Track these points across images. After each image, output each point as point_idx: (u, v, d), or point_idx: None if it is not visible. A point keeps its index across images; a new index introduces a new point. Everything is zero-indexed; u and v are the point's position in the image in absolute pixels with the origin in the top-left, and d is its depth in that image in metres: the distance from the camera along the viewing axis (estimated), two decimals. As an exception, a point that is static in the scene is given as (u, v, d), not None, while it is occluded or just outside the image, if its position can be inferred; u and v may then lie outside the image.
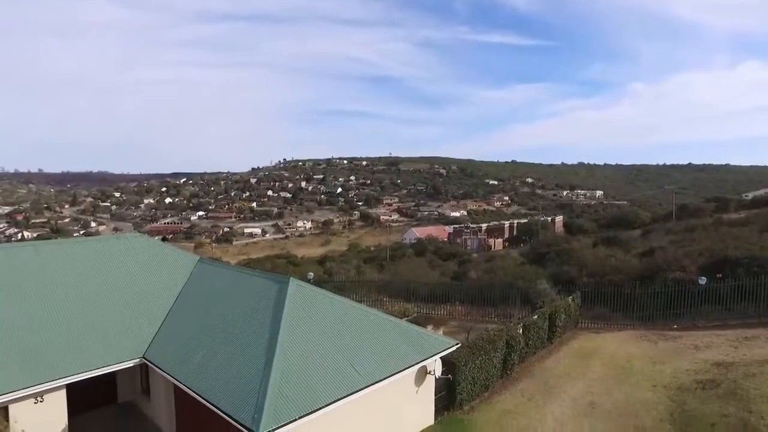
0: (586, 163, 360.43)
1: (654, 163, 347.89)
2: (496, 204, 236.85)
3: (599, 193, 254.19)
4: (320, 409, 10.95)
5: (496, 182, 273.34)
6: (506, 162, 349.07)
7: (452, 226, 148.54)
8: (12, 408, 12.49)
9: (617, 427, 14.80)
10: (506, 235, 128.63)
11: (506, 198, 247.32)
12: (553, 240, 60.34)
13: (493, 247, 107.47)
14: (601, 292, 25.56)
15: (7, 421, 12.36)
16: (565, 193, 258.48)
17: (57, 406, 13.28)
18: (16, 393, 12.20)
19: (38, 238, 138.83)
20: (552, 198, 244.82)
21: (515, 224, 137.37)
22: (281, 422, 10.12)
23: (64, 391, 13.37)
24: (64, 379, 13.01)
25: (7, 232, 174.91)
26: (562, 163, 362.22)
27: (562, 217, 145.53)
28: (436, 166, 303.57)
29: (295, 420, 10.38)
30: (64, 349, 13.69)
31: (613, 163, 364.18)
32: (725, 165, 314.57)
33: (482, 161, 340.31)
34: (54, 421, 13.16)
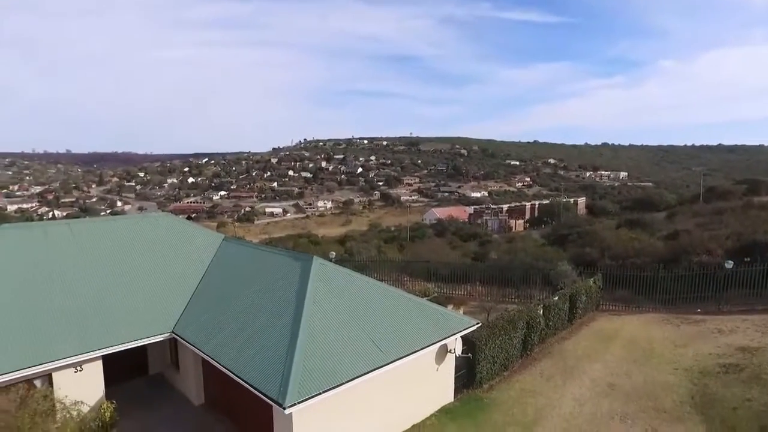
0: (610, 143, 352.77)
1: (681, 143, 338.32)
2: (517, 185, 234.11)
3: (623, 174, 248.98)
4: (343, 384, 11.26)
5: (517, 163, 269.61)
6: (528, 142, 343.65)
7: (473, 207, 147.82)
8: (55, 376, 13.20)
9: (637, 408, 14.88)
10: (527, 216, 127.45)
11: (528, 179, 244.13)
12: (575, 221, 59.82)
13: (514, 228, 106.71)
14: (624, 275, 25.35)
15: (52, 387, 13.07)
16: (588, 174, 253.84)
17: (94, 376, 13.95)
18: (58, 362, 12.88)
19: (67, 216, 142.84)
20: (574, 179, 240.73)
21: (536, 205, 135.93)
22: (305, 396, 10.47)
23: (100, 362, 14.02)
24: (99, 351, 13.64)
25: (39, 211, 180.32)
26: (586, 143, 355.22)
27: (584, 198, 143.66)
28: (457, 147, 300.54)
29: (319, 394, 10.72)
30: (100, 324, 14.30)
31: (639, 144, 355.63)
32: (759, 146, 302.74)
33: (503, 141, 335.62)
34: (91, 390, 13.83)
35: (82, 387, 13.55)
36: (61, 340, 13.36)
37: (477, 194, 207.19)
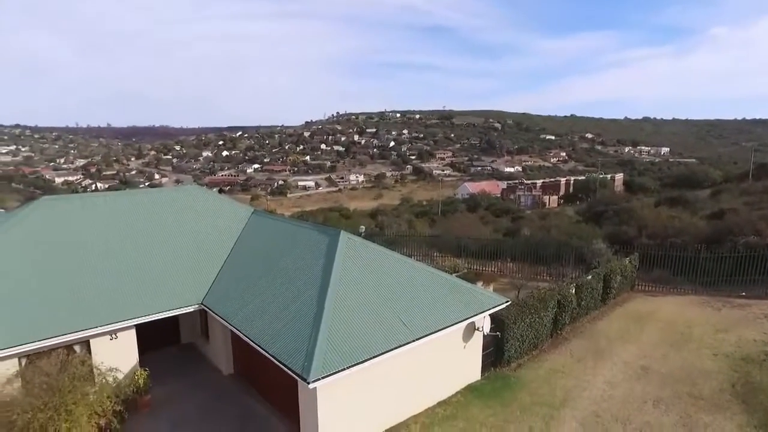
0: (652, 118, 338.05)
1: (731, 117, 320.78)
2: (552, 160, 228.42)
3: (665, 150, 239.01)
4: (367, 360, 11.19)
5: (553, 137, 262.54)
6: (564, 117, 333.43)
7: (506, 182, 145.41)
8: (93, 343, 13.67)
9: (672, 393, 14.37)
10: (562, 192, 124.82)
11: (563, 154, 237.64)
12: (611, 198, 57.93)
13: (547, 204, 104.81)
14: (662, 255, 24.36)
15: (89, 353, 13.57)
16: (627, 149, 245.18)
17: (128, 344, 14.39)
18: (95, 329, 13.30)
19: (109, 189, 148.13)
20: (612, 155, 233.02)
21: (572, 181, 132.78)
22: (329, 371, 10.45)
23: (134, 331, 14.43)
24: (133, 320, 14.01)
25: (83, 184, 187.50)
26: (626, 117, 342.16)
27: (622, 174, 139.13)
28: (491, 120, 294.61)
29: (343, 370, 10.69)
30: (134, 294, 14.66)
31: (683, 118, 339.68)
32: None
33: (539, 115, 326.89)
34: (126, 357, 14.30)
35: (117, 354, 14.00)
36: (98, 308, 13.78)
37: (510, 169, 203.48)
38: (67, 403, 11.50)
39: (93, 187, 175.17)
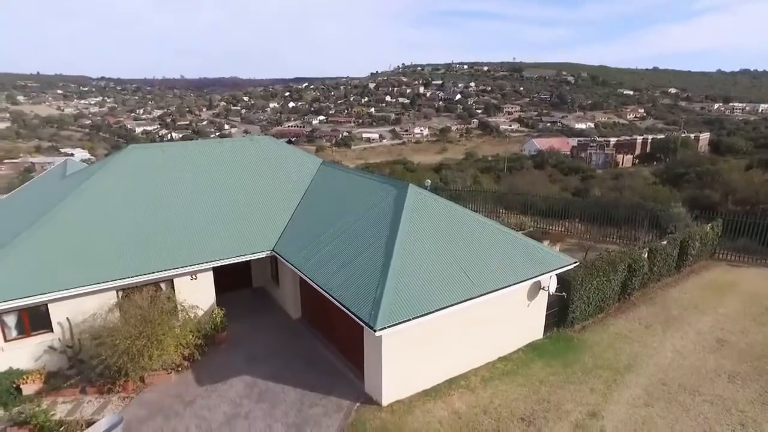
0: (751, 69, 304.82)
1: None
2: (628, 117, 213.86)
3: (763, 107, 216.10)
4: (432, 312, 11.42)
5: (631, 92, 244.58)
6: (646, 69, 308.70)
7: (577, 139, 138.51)
8: (176, 282, 14.90)
9: (750, 368, 13.67)
10: (637, 152, 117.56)
11: (641, 110, 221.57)
12: (694, 159, 53.73)
13: (621, 163, 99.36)
14: (750, 222, 22.58)
15: (174, 290, 14.82)
16: (716, 106, 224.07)
17: (207, 284, 15.53)
18: (178, 270, 14.44)
19: (183, 138, 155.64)
20: (699, 112, 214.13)
21: (649, 140, 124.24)
22: (395, 321, 10.78)
23: (211, 273, 15.50)
24: (211, 263, 15.01)
25: (160, 133, 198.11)
26: (718, 70, 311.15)
27: (708, 134, 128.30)
28: (564, 73, 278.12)
29: (408, 320, 10.98)
30: (211, 238, 15.64)
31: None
32: None
33: (617, 68, 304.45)
34: (204, 296, 15.47)
35: (197, 293, 15.17)
36: (180, 251, 14.87)
37: (582, 125, 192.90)
38: (158, 333, 12.73)
39: (168, 136, 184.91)
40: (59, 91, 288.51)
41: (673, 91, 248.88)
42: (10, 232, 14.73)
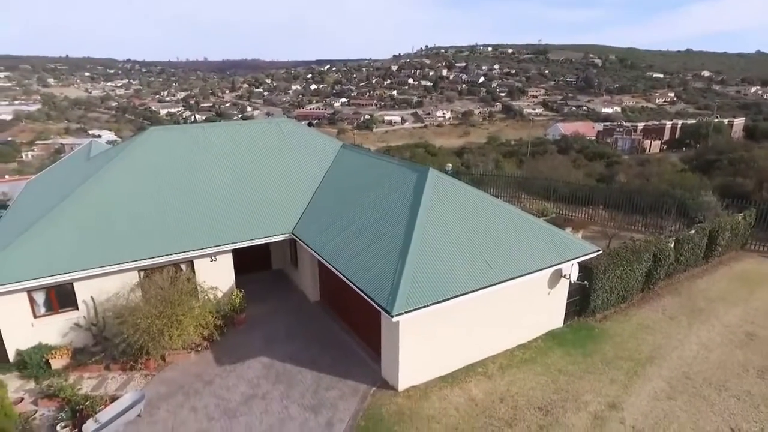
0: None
1: None
2: (657, 101, 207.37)
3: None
4: (450, 299, 11.29)
5: (661, 75, 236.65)
6: (678, 52, 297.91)
7: (602, 124, 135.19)
8: (196, 263, 15.08)
9: (779, 362, 13.25)
10: (666, 137, 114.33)
11: (672, 94, 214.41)
12: (726, 146, 51.78)
13: (648, 149, 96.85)
14: (786, 213, 21.69)
15: (194, 272, 15.00)
16: (753, 89, 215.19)
17: (226, 266, 15.67)
18: (198, 251, 14.61)
19: (206, 120, 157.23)
20: (734, 96, 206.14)
21: (679, 125, 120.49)
22: (413, 306, 10.69)
23: (230, 255, 15.63)
24: (231, 245, 15.13)
25: (184, 115, 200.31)
26: (758, 51, 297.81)
27: (743, 119, 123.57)
28: (591, 56, 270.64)
29: (426, 306, 10.89)
30: (231, 220, 15.74)
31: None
32: None
33: (647, 50, 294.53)
34: (224, 278, 15.63)
35: (217, 275, 15.33)
36: (200, 232, 15.03)
37: (609, 110, 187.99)
38: (178, 313, 12.93)
39: (192, 118, 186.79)
40: (87, 74, 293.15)
41: (706, 74, 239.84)
42: (37, 212, 15.07)
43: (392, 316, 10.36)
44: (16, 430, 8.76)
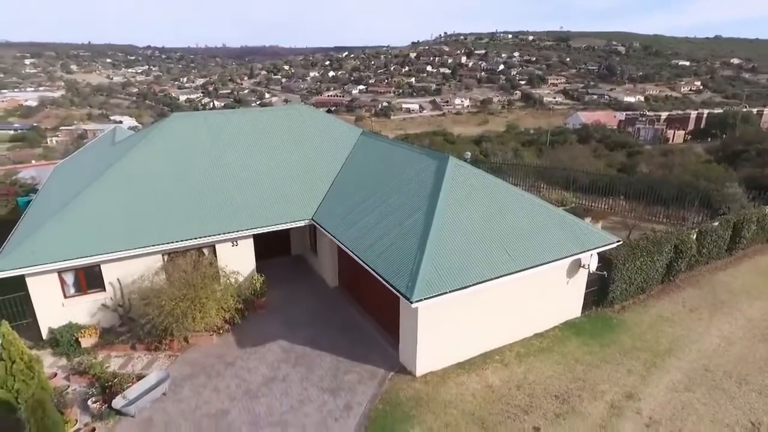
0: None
1: None
2: (683, 89, 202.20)
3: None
4: (469, 286, 11.36)
5: (687, 63, 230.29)
6: (705, 38, 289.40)
7: (624, 113, 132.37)
8: (218, 248, 15.39)
9: (802, 356, 13.07)
10: (690, 127, 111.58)
11: (698, 83, 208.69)
12: (755, 136, 50.37)
13: (671, 139, 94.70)
14: (814, 205, 21.16)
15: (216, 256, 15.33)
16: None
17: (247, 251, 15.95)
18: (220, 236, 14.90)
19: (225, 107, 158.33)
20: (765, 84, 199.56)
21: (704, 115, 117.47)
22: (432, 293, 10.81)
23: (251, 240, 15.90)
24: (252, 230, 15.38)
25: (203, 101, 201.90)
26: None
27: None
28: (614, 43, 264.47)
29: (445, 294, 10.98)
30: (252, 206, 15.98)
31: None
32: None
33: (673, 37, 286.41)
34: (245, 263, 15.93)
35: (238, 260, 15.62)
36: (222, 217, 15.30)
37: (631, 99, 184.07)
38: (200, 296, 13.23)
39: (211, 104, 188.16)
40: (108, 60, 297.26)
41: (735, 61, 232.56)
42: (66, 196, 15.50)
43: (412, 303, 10.48)
44: (52, 402, 9.24)
